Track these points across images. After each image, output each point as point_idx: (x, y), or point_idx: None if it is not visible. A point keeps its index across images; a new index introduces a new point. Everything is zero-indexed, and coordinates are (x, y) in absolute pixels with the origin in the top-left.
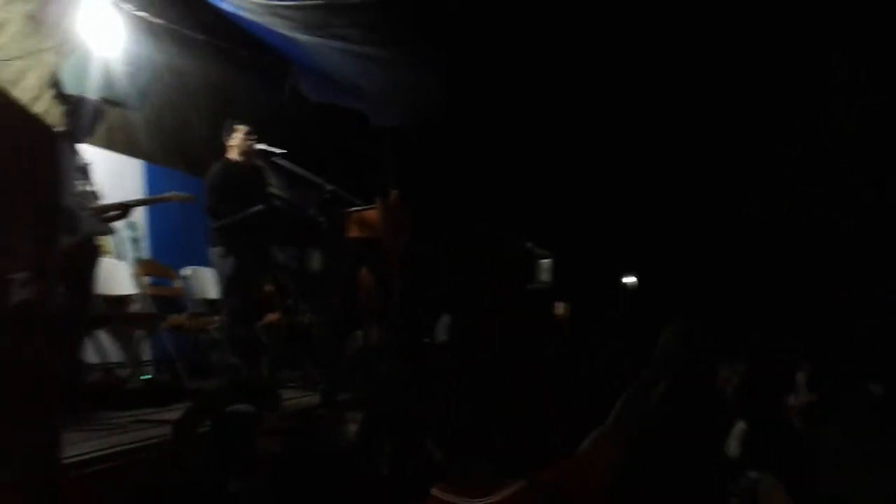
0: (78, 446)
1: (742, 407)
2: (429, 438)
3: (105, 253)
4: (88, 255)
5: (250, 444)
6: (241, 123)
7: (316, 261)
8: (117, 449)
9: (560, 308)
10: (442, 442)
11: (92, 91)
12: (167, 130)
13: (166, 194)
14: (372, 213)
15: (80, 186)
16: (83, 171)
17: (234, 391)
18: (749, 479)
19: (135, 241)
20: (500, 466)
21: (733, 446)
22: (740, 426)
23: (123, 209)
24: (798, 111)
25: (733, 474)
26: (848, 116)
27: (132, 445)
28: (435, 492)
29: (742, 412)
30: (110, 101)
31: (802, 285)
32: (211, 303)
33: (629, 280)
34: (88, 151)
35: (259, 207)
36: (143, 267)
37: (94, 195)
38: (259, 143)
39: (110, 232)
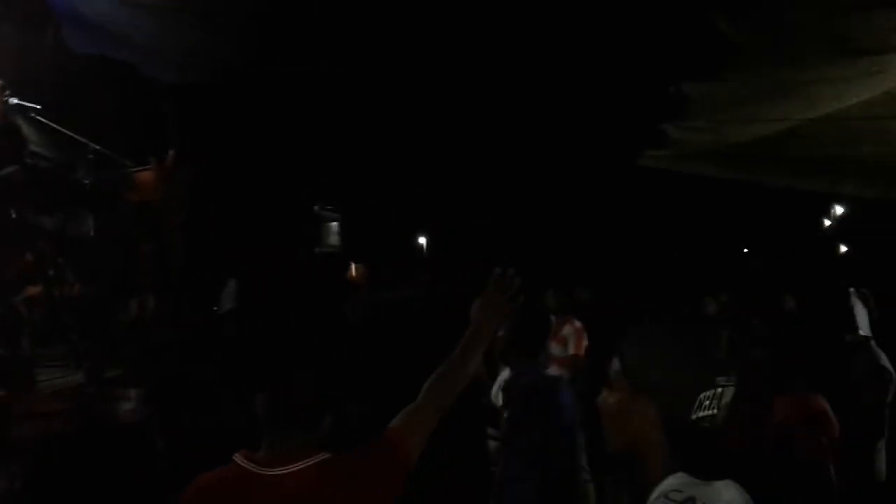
0: None
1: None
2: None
3: None
4: None
5: (1, 431)
6: None
7: (86, 226)
8: None
9: (356, 269)
10: (242, 409)
11: None
12: None
13: None
14: (148, 175)
15: None
16: None
17: None
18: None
19: None
20: (310, 436)
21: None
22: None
23: None
24: None
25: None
26: None
27: None
28: (237, 457)
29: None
30: None
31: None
32: None
33: (422, 240)
34: None
35: (12, 168)
36: None
37: None
38: (14, 97)
39: None
